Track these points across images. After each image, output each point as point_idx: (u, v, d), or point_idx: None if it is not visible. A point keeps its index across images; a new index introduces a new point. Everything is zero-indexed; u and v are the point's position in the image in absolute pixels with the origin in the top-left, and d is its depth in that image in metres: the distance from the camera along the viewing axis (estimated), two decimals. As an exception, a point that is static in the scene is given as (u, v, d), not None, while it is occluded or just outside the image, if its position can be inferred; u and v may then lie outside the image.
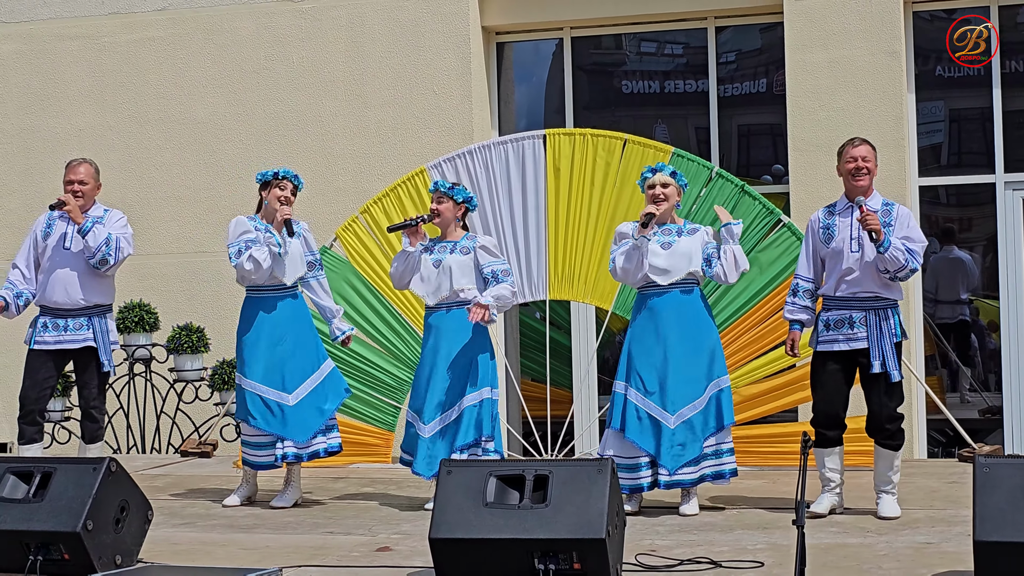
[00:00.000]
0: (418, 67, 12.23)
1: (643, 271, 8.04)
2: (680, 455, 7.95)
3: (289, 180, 8.68)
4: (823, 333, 7.87)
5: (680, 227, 8.18)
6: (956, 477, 9.03)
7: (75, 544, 6.40)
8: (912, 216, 7.87)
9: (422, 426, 8.33)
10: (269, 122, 12.54)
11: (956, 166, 12.01)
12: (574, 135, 10.21)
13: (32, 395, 8.92)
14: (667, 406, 7.98)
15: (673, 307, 8.07)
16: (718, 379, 8.10)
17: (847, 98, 11.30)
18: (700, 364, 8.05)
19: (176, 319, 12.20)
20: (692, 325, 8.07)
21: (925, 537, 7.13)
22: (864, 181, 7.82)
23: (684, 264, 8.04)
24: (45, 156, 12.90)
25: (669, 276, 8.05)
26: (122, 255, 8.92)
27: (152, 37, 12.85)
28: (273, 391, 8.62)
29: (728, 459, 8.12)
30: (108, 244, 8.82)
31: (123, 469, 6.71)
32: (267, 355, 8.64)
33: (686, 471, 7.98)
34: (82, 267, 8.90)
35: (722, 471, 8.10)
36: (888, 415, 7.75)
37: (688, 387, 8.01)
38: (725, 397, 8.10)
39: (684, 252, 8.04)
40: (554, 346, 11.20)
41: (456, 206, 8.48)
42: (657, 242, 8.07)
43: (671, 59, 12.71)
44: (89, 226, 8.82)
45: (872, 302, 7.73)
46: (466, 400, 8.30)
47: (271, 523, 8.10)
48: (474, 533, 6.06)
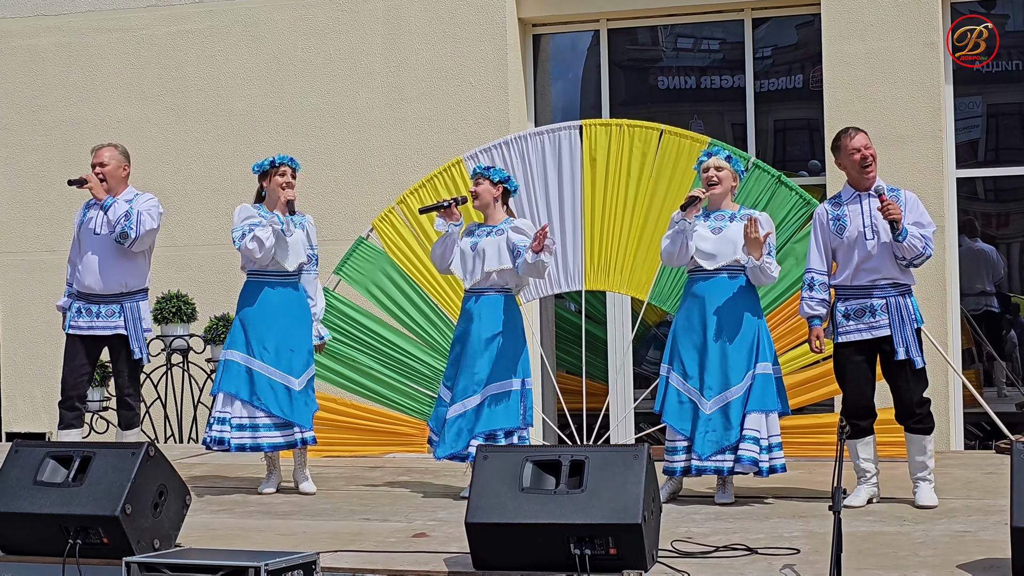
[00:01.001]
0: (455, 59, 12.25)
1: (688, 254, 8.06)
2: (714, 441, 7.95)
3: (287, 165, 8.74)
4: (843, 324, 7.82)
5: (734, 213, 8.15)
6: (993, 468, 9.00)
7: (114, 528, 6.43)
8: (919, 200, 7.83)
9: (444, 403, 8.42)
10: (306, 114, 12.58)
11: (993, 162, 11.95)
12: (610, 126, 10.21)
13: (70, 380, 8.98)
14: (704, 391, 7.99)
15: (717, 292, 8.07)
16: (760, 364, 8.02)
17: (884, 89, 11.26)
18: (741, 351, 8.02)
19: (213, 310, 12.26)
20: (736, 311, 8.04)
21: (962, 526, 7.11)
22: (873, 171, 7.81)
23: (731, 250, 8.03)
24: (84, 148, 12.85)
25: (715, 261, 8.05)
26: (144, 228, 8.88)
27: (190, 29, 12.91)
28: (281, 373, 8.66)
29: (777, 454, 7.98)
30: (127, 217, 8.84)
31: (161, 454, 6.75)
32: (278, 335, 8.69)
33: (719, 458, 7.96)
34: (110, 250, 8.93)
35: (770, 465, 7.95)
36: (917, 400, 7.73)
37: (727, 373, 7.99)
38: (761, 383, 7.98)
39: (732, 238, 8.03)
40: (589, 339, 11.20)
41: (493, 186, 8.48)
42: (709, 227, 8.08)
43: (707, 54, 12.69)
44: (110, 202, 8.87)
45: (891, 288, 7.72)
46: (492, 388, 8.31)
47: (308, 510, 8.14)
48: (510, 518, 6.07)
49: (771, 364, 8.07)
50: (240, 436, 8.62)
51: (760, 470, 7.94)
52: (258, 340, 8.66)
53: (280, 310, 8.70)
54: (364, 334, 10.37)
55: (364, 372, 10.37)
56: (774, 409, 8.02)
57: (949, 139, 11.40)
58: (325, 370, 10.14)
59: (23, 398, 13.13)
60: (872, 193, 7.80)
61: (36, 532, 6.57)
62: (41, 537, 6.57)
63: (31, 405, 13.08)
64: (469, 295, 8.45)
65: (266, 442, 8.66)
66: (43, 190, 13.12)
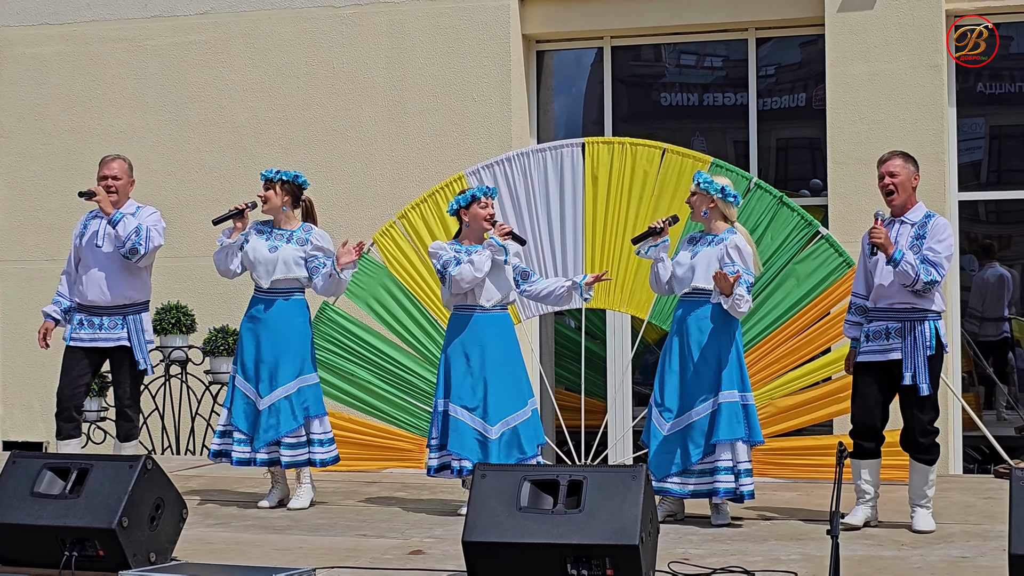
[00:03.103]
0: (458, 74, 12.25)
1: (662, 282, 8.18)
2: (669, 463, 7.96)
3: (263, 179, 8.86)
4: (864, 344, 7.86)
5: (715, 236, 8.12)
6: (992, 493, 8.98)
7: (110, 540, 6.42)
8: (947, 228, 7.77)
9: (489, 427, 8.28)
10: (308, 127, 12.58)
11: (996, 183, 11.95)
12: (613, 144, 10.20)
13: (67, 392, 8.99)
14: (664, 414, 8.01)
15: (685, 316, 8.09)
16: (725, 392, 7.93)
17: (888, 111, 11.26)
18: (704, 376, 7.98)
19: (212, 321, 12.25)
20: (701, 336, 8.02)
21: (960, 551, 7.09)
22: (895, 199, 7.81)
23: (690, 276, 8.06)
24: (86, 157, 12.97)
25: (684, 285, 8.12)
26: (152, 244, 8.95)
27: (194, 40, 12.92)
28: (251, 389, 8.73)
29: (745, 480, 7.91)
30: (138, 233, 8.86)
31: (159, 467, 6.74)
32: (255, 352, 8.75)
33: (675, 480, 7.96)
34: (115, 265, 8.96)
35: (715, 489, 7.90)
36: (921, 428, 7.70)
37: (686, 397, 8.00)
38: (726, 412, 7.91)
39: (694, 264, 8.07)
40: (589, 356, 11.19)
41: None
42: (691, 252, 8.11)
43: (710, 72, 12.70)
44: (119, 217, 8.88)
45: (908, 313, 7.70)
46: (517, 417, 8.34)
47: (305, 525, 8.12)
48: (507, 537, 6.06)
49: (738, 392, 7.98)
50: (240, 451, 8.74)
51: (741, 495, 7.92)
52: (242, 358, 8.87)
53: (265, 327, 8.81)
54: (363, 348, 10.35)
55: (363, 386, 10.35)
56: (739, 437, 7.93)
57: (952, 161, 11.40)
58: (324, 384, 10.11)
59: (21, 407, 13.11)
60: (906, 219, 7.79)
61: (33, 543, 6.56)
62: (37, 549, 6.56)
63: (29, 414, 13.06)
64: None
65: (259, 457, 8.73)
66: (44, 198, 13.12)
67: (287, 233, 8.83)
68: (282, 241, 8.79)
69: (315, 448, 8.72)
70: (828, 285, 9.58)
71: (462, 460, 8.18)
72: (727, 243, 8.03)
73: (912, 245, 7.69)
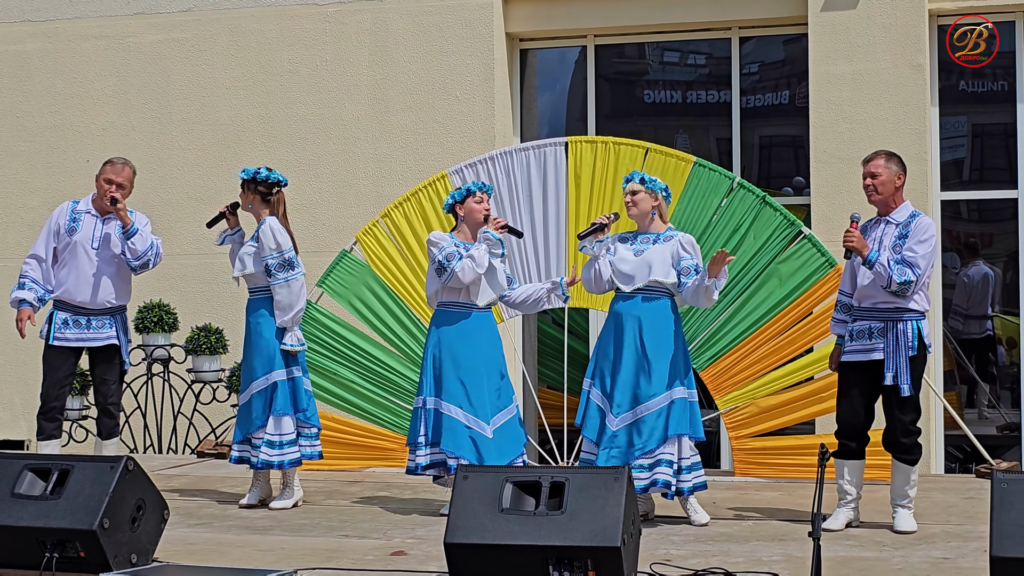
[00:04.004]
0: (441, 72, 12.25)
1: (602, 279, 8.14)
2: (615, 457, 7.95)
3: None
4: (848, 344, 7.87)
5: (659, 235, 8.14)
6: (973, 493, 9.00)
7: (91, 542, 6.41)
8: (931, 228, 7.75)
9: (484, 425, 8.28)
10: (292, 125, 12.56)
11: (978, 181, 11.98)
12: (596, 143, 10.20)
13: (53, 392, 8.95)
14: (613, 409, 8.01)
15: (634, 312, 8.06)
16: (672, 391, 7.98)
17: (870, 111, 11.28)
18: (655, 371, 7.97)
19: (195, 320, 12.23)
20: (651, 332, 8.01)
21: (941, 552, 7.10)
22: (875, 199, 7.83)
23: (645, 272, 8.03)
24: (68, 155, 12.96)
25: (632, 282, 8.07)
26: (159, 260, 9.12)
27: (177, 38, 12.89)
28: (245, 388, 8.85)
29: (663, 470, 7.90)
30: (151, 248, 8.98)
31: (140, 468, 6.72)
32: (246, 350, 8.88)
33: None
34: (110, 269, 8.95)
35: (654, 480, 7.90)
36: (903, 429, 7.71)
37: (636, 392, 7.98)
38: (679, 408, 7.97)
39: (648, 260, 8.04)
40: (571, 354, 11.20)
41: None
42: (633, 249, 8.10)
43: (694, 69, 12.71)
44: (136, 229, 8.87)
45: (891, 313, 7.70)
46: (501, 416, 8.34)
47: (286, 525, 8.11)
48: (489, 539, 6.06)
49: (686, 388, 8.05)
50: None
51: (680, 490, 7.94)
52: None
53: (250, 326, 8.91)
54: (346, 347, 10.34)
55: (345, 386, 10.34)
56: (686, 433, 7.98)
57: (934, 161, 11.43)
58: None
59: (2, 405, 13.08)
60: (891, 219, 7.81)
61: (13, 545, 6.54)
62: (18, 550, 6.54)
63: (10, 412, 13.03)
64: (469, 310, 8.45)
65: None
66: (26, 196, 13.08)
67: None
68: (252, 239, 8.77)
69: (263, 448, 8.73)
70: (810, 285, 9.59)
71: (459, 458, 8.18)
72: (679, 239, 8.11)
73: (895, 244, 7.71)
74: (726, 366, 9.74)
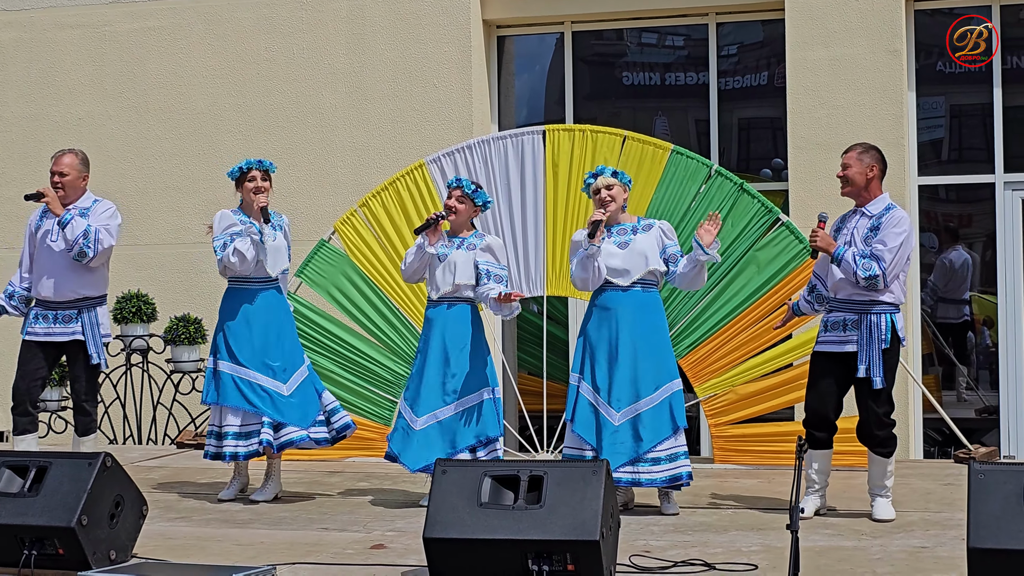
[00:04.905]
0: (418, 60, 12.22)
1: (601, 277, 8.04)
2: (623, 453, 7.94)
3: (256, 169, 8.66)
4: (822, 334, 7.88)
5: (634, 225, 8.15)
6: (951, 479, 9.03)
7: (70, 539, 6.39)
8: (903, 222, 7.73)
9: (414, 418, 8.32)
10: (269, 113, 12.53)
11: (956, 161, 12.00)
12: (573, 131, 10.19)
13: (22, 386, 8.93)
14: (612, 403, 7.99)
15: (630, 306, 8.04)
16: (671, 382, 8.04)
17: (848, 96, 11.29)
18: (652, 365, 8.01)
19: (174, 310, 12.20)
20: (647, 325, 8.04)
21: (920, 541, 7.12)
22: (845, 190, 7.84)
23: (642, 263, 8.02)
24: (45, 145, 12.87)
25: (628, 276, 8.03)
26: (102, 247, 8.83)
27: (153, 26, 12.84)
28: (268, 379, 8.61)
29: (683, 462, 8.01)
30: (86, 236, 8.76)
31: (118, 464, 6.71)
32: (259, 344, 8.64)
33: (627, 470, 7.95)
34: (67, 262, 8.87)
35: (679, 475, 7.99)
36: (876, 421, 7.71)
37: (636, 386, 7.99)
38: (677, 401, 8.04)
39: (640, 250, 8.03)
40: (551, 340, 11.20)
41: (474, 208, 8.45)
42: (614, 242, 8.06)
43: (672, 51, 12.70)
44: (68, 219, 8.77)
45: (865, 306, 7.71)
46: (466, 400, 8.31)
47: (266, 518, 8.10)
48: (468, 533, 6.06)
49: (679, 380, 8.12)
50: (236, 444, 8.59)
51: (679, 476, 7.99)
52: (239, 350, 8.62)
53: (264, 318, 8.68)
54: (325, 337, 10.33)
55: (324, 376, 10.29)
56: (684, 427, 8.07)
57: (912, 146, 11.45)
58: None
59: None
60: (865, 211, 7.81)
61: (-9, 543, 6.53)
62: (-4, 548, 6.53)
63: (-11, 404, 12.99)
64: (436, 304, 8.39)
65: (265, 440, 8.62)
66: (2, 187, 13.03)
67: None
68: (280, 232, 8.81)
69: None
70: (789, 272, 9.61)
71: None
72: (659, 227, 8.15)
73: (866, 237, 7.71)
74: (705, 353, 9.75)
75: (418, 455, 8.25)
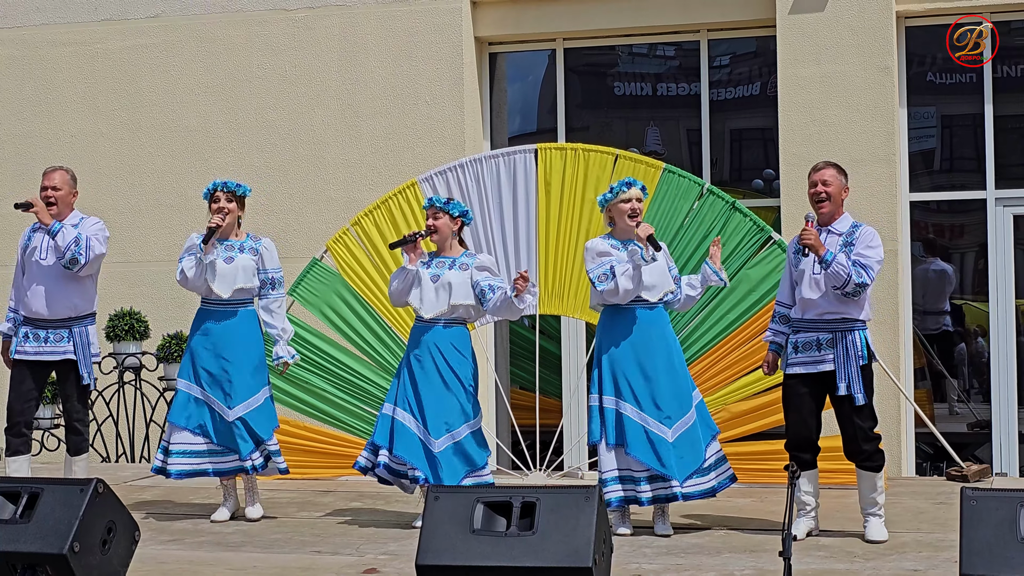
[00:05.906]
0: (410, 77, 12.22)
1: (639, 290, 8.05)
2: (688, 466, 8.00)
3: (220, 191, 8.70)
4: (792, 356, 7.87)
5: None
6: (943, 497, 9.04)
7: (61, 566, 6.37)
8: (876, 236, 7.79)
9: (432, 440, 8.23)
10: (261, 130, 12.53)
11: (948, 171, 12.02)
12: (565, 150, 10.20)
13: (16, 407, 8.93)
14: (663, 420, 8.00)
15: (659, 322, 8.12)
16: (695, 391, 8.24)
17: (839, 113, 11.31)
18: (684, 377, 8.15)
19: (166, 327, 12.19)
20: (672, 340, 8.18)
21: (912, 563, 7.13)
22: (824, 207, 7.83)
23: (667, 279, 8.13)
24: (37, 162, 12.85)
25: (657, 291, 8.08)
26: (93, 253, 8.85)
27: (145, 44, 12.84)
28: (218, 403, 8.68)
29: (725, 466, 8.24)
30: (77, 243, 8.79)
31: (110, 490, 6.68)
32: (213, 366, 8.70)
33: (694, 482, 8.03)
34: (57, 278, 8.88)
35: (729, 476, 8.24)
36: (863, 435, 7.73)
37: (680, 400, 8.06)
38: (704, 407, 8.27)
39: (661, 268, 8.10)
40: (543, 355, 11.20)
41: (452, 220, 8.46)
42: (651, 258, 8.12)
43: (664, 61, 12.71)
44: (58, 227, 8.80)
45: (838, 324, 7.72)
46: (463, 430, 8.32)
47: (259, 541, 8.09)
48: (461, 560, 6.05)
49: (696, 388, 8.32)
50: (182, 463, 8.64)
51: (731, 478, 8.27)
52: (200, 369, 8.69)
53: (219, 341, 8.70)
54: (318, 356, 10.33)
55: (317, 394, 10.34)
56: (717, 432, 8.34)
57: (903, 163, 11.47)
58: (278, 392, 10.08)
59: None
60: (832, 229, 7.82)
61: (-17, 570, 6.52)
62: (-12, 574, 6.52)
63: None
64: (431, 324, 8.39)
65: (211, 467, 8.71)
66: (-5, 204, 13.02)
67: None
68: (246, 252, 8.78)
69: None
70: (781, 290, 9.60)
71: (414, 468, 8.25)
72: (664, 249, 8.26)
73: (841, 252, 7.72)
74: (697, 372, 9.73)
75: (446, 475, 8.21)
